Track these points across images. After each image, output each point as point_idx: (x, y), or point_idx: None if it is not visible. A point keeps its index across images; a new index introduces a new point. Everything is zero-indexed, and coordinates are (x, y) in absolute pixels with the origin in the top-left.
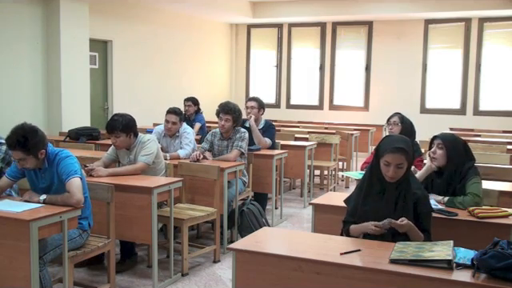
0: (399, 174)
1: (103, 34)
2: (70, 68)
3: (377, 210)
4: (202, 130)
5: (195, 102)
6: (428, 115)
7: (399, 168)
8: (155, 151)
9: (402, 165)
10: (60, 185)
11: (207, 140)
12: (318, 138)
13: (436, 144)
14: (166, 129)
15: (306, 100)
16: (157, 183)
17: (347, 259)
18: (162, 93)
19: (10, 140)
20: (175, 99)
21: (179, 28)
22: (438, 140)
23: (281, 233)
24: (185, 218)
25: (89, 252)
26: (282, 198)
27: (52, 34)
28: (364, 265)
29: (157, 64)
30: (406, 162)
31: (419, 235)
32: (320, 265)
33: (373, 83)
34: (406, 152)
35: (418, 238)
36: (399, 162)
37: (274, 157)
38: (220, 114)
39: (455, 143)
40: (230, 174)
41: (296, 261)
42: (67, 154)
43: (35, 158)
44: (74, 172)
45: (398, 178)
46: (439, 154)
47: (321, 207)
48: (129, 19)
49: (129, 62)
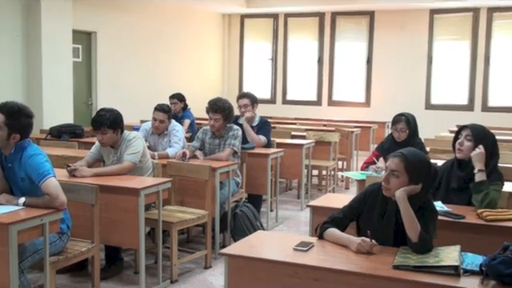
0: (393, 184)
1: (87, 24)
2: (52, 61)
3: (375, 229)
4: (191, 127)
5: (181, 98)
6: (433, 111)
7: (394, 176)
8: (141, 149)
9: (396, 172)
10: (29, 184)
11: (198, 138)
12: (316, 135)
13: (464, 135)
14: (153, 127)
15: (304, 95)
16: (144, 184)
17: (347, 265)
18: (150, 88)
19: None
20: (163, 94)
21: (168, 19)
22: (467, 131)
23: (276, 237)
24: (174, 222)
25: (72, 257)
26: (278, 199)
27: (32, 25)
28: (365, 271)
29: (144, 57)
30: (405, 173)
31: (414, 221)
32: (318, 271)
33: (374, 77)
34: (404, 159)
35: (411, 225)
36: (394, 169)
37: (269, 156)
38: (209, 113)
39: (485, 137)
40: (222, 175)
41: (292, 266)
42: (35, 151)
43: (6, 135)
44: (47, 172)
45: (392, 189)
46: (466, 147)
47: (319, 210)
48: (114, 9)
49: (114, 55)
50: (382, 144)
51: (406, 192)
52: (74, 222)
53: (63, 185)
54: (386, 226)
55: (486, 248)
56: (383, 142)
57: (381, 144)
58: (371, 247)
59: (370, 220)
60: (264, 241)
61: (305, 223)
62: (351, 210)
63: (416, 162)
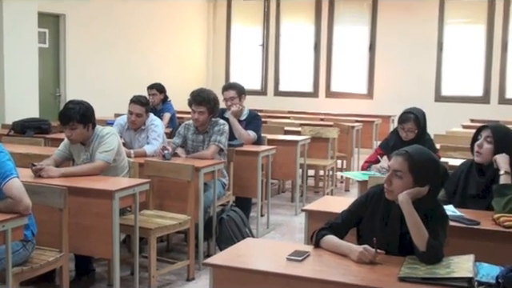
0: (395, 185)
1: (54, 6)
2: (15, 47)
3: (378, 236)
4: (172, 122)
5: (160, 89)
6: (444, 104)
7: (397, 177)
8: (116, 147)
9: (399, 173)
10: None
11: (179, 134)
12: (312, 131)
13: (484, 136)
14: (129, 121)
15: (298, 86)
16: (119, 185)
17: (347, 276)
18: (125, 77)
19: None
20: (141, 85)
21: (146, 0)
22: (487, 131)
23: (267, 245)
24: (152, 228)
25: (37, 268)
26: (269, 203)
27: None
28: (367, 283)
29: (119, 43)
30: (410, 174)
31: (420, 228)
32: (314, 283)
33: (378, 66)
34: (409, 158)
35: (417, 232)
36: (397, 169)
37: (260, 154)
38: (192, 106)
39: (508, 138)
40: (206, 175)
41: (286, 278)
42: None
43: None
44: (9, 172)
45: (395, 191)
46: (486, 149)
47: (315, 214)
48: None
49: (85, 41)
50: (387, 141)
51: (410, 195)
52: (39, 229)
53: (28, 186)
54: (390, 233)
55: (504, 258)
56: (387, 139)
57: (385, 141)
58: (374, 257)
59: (373, 226)
60: (254, 249)
61: (299, 230)
62: (351, 215)
63: (422, 162)
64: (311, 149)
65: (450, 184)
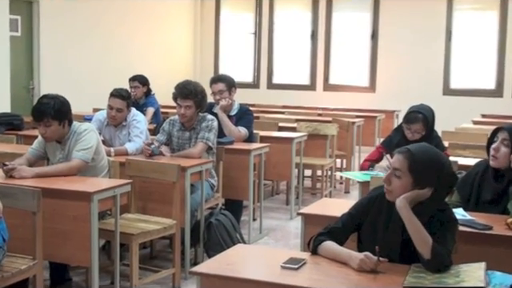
0: (394, 186)
1: None
2: None
3: (380, 242)
4: (156, 117)
5: (143, 81)
6: (453, 98)
7: (395, 176)
8: (94, 144)
9: (398, 172)
10: None
11: (164, 130)
12: (309, 127)
13: (500, 139)
14: (109, 117)
15: (294, 78)
16: (98, 187)
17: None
18: (105, 69)
19: None
20: (121, 77)
21: None
22: (504, 134)
23: (260, 252)
24: (134, 233)
25: (9, 277)
26: (262, 206)
27: None
28: None
29: (98, 32)
30: (409, 174)
31: (422, 234)
32: None
33: (381, 56)
34: (410, 156)
35: (419, 239)
36: (396, 167)
37: (252, 152)
38: (178, 100)
39: None
40: (193, 175)
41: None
42: None
43: None
44: None
45: (394, 192)
46: (503, 153)
47: (312, 218)
48: None
49: (61, 29)
50: (390, 138)
51: (408, 200)
52: (11, 234)
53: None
54: (391, 239)
55: None
56: (391, 136)
57: (388, 138)
58: (376, 265)
59: (374, 231)
60: (245, 257)
61: (295, 235)
62: (352, 219)
63: (424, 162)
64: (308, 147)
65: (465, 187)
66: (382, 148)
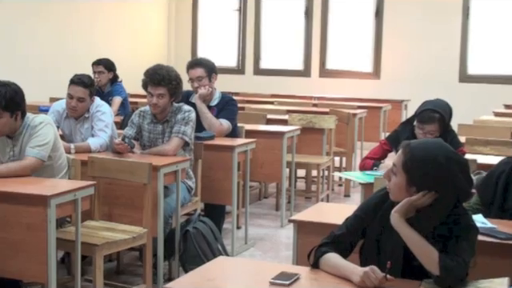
0: (392, 183)
1: None
2: None
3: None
4: (123, 108)
5: (109, 66)
6: (471, 85)
7: (393, 173)
8: (52, 140)
9: (394, 169)
10: None
11: (133, 123)
12: (302, 120)
13: None
14: (68, 107)
15: (285, 62)
16: (55, 189)
17: None
18: (64, 53)
19: None
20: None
21: None
22: None
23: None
24: (98, 244)
25: None
26: (248, 212)
27: None
28: None
29: (54, 10)
30: (403, 172)
31: (425, 249)
32: None
33: (386, 37)
34: (407, 152)
35: (423, 255)
36: (394, 162)
37: (235, 149)
38: (148, 88)
39: None
40: (167, 176)
41: None
42: None
43: None
44: None
45: (391, 191)
46: None
47: (307, 226)
48: None
49: (12, 6)
50: (397, 133)
51: (401, 213)
52: None
53: None
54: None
55: None
56: (398, 131)
57: (394, 133)
58: (381, 281)
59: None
60: (228, 271)
61: (286, 246)
62: (358, 222)
63: (418, 159)
64: (301, 143)
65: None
66: (387, 144)
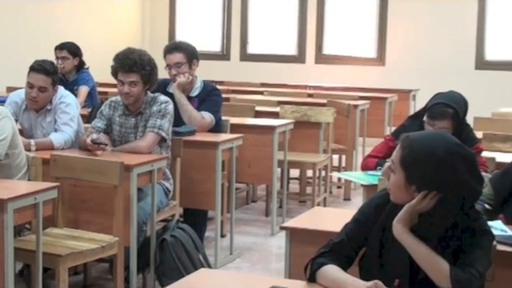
0: (391, 182)
1: None
2: None
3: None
4: (90, 99)
5: (74, 50)
6: (489, 73)
7: (391, 170)
8: (9, 135)
9: (393, 165)
10: None
11: (102, 115)
12: (296, 112)
13: None
14: (28, 98)
15: (276, 47)
16: (13, 192)
17: None
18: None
19: None
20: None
21: None
22: None
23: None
24: (63, 254)
25: None
26: (234, 218)
27: None
28: None
29: None
30: (401, 169)
31: (433, 260)
32: None
33: (392, 19)
34: (405, 147)
35: (430, 268)
36: (392, 158)
37: (219, 146)
38: (119, 75)
39: None
40: (141, 176)
41: None
42: None
43: None
44: None
45: (391, 190)
46: None
47: (301, 234)
48: None
49: None
50: (404, 127)
51: (403, 222)
52: None
53: None
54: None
55: None
56: (405, 126)
57: (401, 128)
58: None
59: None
60: (211, 284)
61: (277, 256)
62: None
63: (417, 154)
64: (295, 139)
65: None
66: (393, 140)
